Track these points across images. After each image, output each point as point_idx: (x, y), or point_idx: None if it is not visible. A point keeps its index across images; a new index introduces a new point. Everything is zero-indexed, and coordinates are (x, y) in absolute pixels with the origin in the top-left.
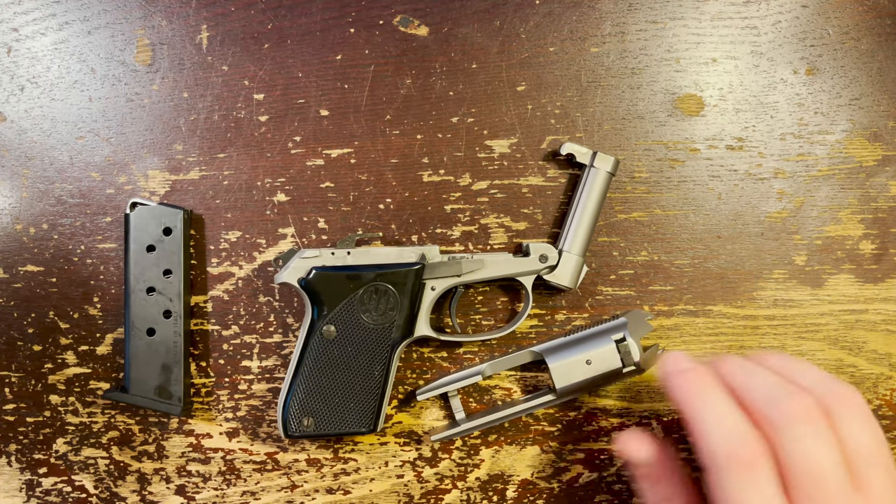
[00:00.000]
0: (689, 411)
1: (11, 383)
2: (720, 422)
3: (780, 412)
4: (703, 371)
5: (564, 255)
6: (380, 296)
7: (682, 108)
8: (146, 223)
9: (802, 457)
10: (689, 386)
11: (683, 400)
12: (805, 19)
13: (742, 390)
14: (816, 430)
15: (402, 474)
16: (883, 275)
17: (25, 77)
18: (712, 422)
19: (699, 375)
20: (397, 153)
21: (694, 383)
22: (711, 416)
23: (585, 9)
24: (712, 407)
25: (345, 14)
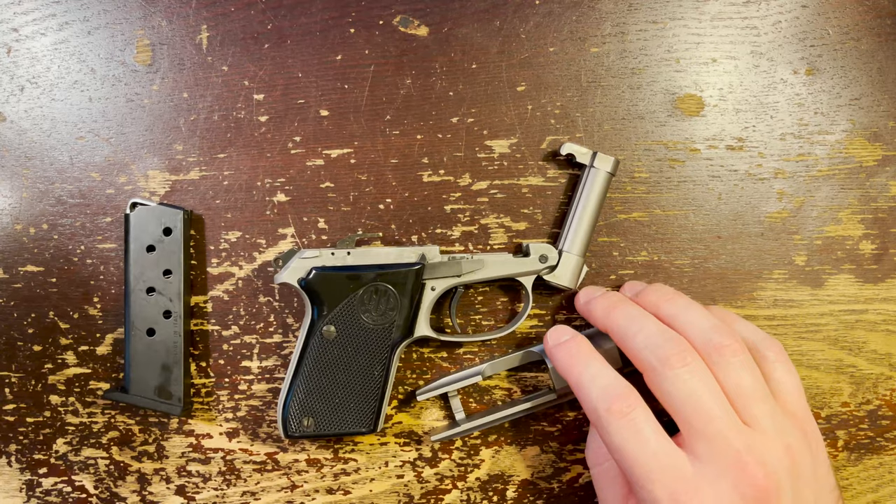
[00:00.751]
0: (570, 378)
1: (11, 383)
2: (594, 382)
3: (657, 357)
4: (578, 340)
5: (564, 255)
6: (380, 296)
7: (682, 108)
8: (146, 223)
9: (681, 393)
10: (566, 357)
11: (564, 370)
12: (805, 19)
13: (626, 338)
14: (691, 368)
15: (402, 474)
16: (883, 275)
17: (25, 77)
18: (588, 384)
19: (575, 344)
20: (397, 153)
21: (570, 353)
22: (587, 379)
23: (585, 9)
24: (587, 371)
25: (345, 14)
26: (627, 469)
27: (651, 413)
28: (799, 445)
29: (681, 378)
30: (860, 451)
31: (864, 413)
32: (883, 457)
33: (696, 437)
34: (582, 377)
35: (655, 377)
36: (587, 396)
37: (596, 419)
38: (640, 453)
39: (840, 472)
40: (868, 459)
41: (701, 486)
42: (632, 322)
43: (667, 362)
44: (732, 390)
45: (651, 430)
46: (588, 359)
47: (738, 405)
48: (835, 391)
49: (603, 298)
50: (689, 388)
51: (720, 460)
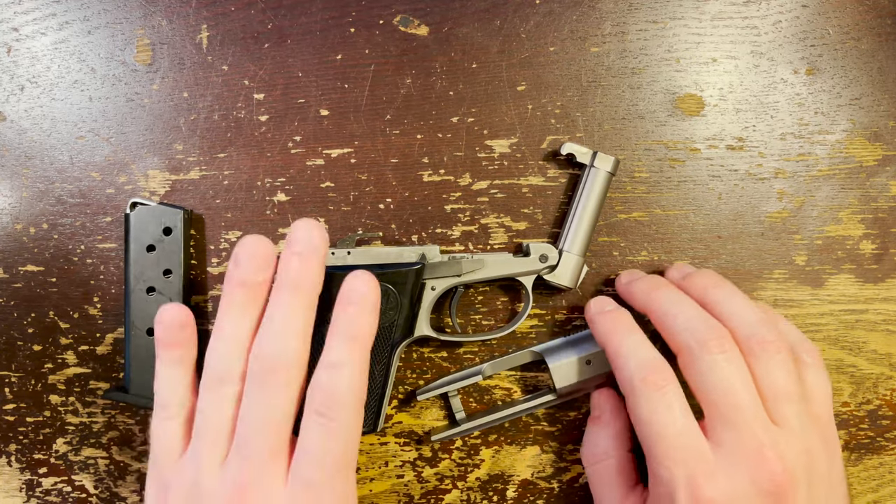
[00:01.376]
0: (609, 346)
1: (11, 383)
2: (634, 353)
3: (695, 339)
4: (621, 312)
5: (564, 254)
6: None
7: (682, 108)
8: (146, 223)
9: (714, 378)
10: (609, 325)
11: (604, 337)
12: (805, 19)
13: (666, 317)
14: (728, 356)
15: (402, 474)
16: (883, 275)
17: (25, 77)
18: (627, 353)
19: (618, 315)
20: (397, 153)
21: (613, 322)
22: (626, 349)
23: (586, 9)
24: (627, 341)
25: (345, 14)
26: (651, 443)
27: (683, 393)
28: (818, 449)
29: (717, 363)
30: (860, 451)
31: (864, 413)
32: (883, 457)
33: (722, 424)
34: (622, 346)
35: (691, 358)
36: (624, 365)
37: (630, 389)
38: (667, 429)
39: None
40: (868, 459)
41: (718, 472)
42: (673, 304)
43: (705, 346)
44: (767, 387)
45: (680, 409)
46: (630, 329)
47: (768, 402)
48: (835, 391)
49: (646, 280)
50: (724, 375)
51: (742, 450)
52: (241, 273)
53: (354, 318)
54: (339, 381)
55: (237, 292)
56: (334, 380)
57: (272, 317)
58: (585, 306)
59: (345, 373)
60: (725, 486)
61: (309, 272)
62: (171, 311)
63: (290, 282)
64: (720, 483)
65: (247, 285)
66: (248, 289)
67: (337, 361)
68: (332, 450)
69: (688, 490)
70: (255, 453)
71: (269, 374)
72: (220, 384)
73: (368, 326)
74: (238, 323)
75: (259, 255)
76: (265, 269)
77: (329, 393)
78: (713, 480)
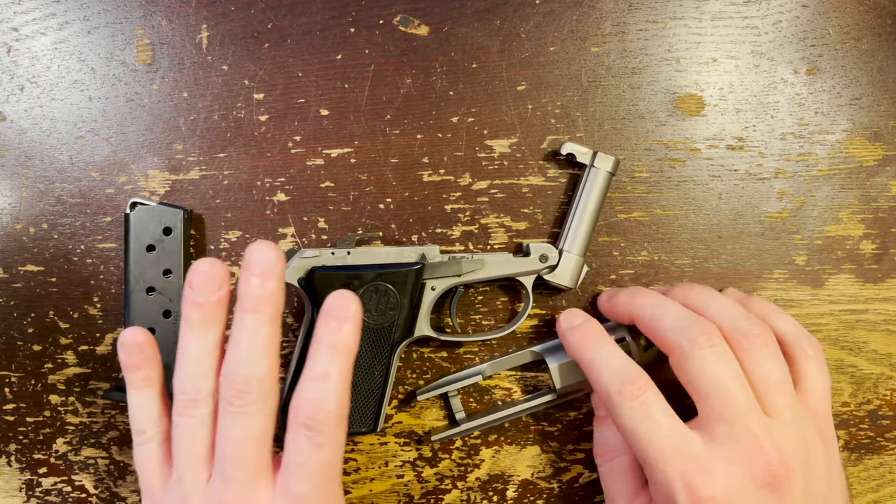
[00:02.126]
0: (581, 360)
1: (11, 383)
2: (606, 364)
3: (684, 336)
4: (591, 323)
5: (565, 254)
6: (380, 296)
7: (682, 108)
8: (146, 223)
9: (705, 373)
10: (579, 338)
11: (576, 351)
12: (805, 19)
13: (653, 319)
14: (717, 350)
15: (402, 474)
16: (883, 275)
17: (25, 77)
18: (600, 366)
19: (588, 327)
20: (397, 153)
21: (583, 335)
22: (599, 361)
23: (585, 8)
24: (599, 353)
25: (345, 14)
26: (640, 451)
27: (662, 396)
28: (814, 441)
29: (707, 359)
30: (860, 451)
31: (864, 413)
32: (883, 457)
33: (716, 418)
34: (594, 359)
35: (682, 357)
36: (599, 378)
37: (608, 401)
38: (653, 435)
39: None
40: (868, 459)
41: (714, 466)
42: (657, 306)
43: (694, 342)
44: (758, 379)
45: (662, 412)
46: (600, 341)
47: (760, 394)
48: (835, 391)
49: (625, 290)
50: (714, 370)
51: (737, 443)
52: (196, 295)
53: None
54: (325, 394)
55: (194, 313)
56: (319, 392)
57: (237, 340)
58: (556, 321)
59: (330, 385)
60: (723, 482)
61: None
62: (129, 335)
63: (252, 303)
64: (718, 480)
65: (203, 306)
66: (204, 309)
67: (321, 373)
68: (320, 462)
69: (686, 490)
70: (238, 474)
71: (242, 396)
72: (191, 406)
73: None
74: (200, 342)
75: (212, 276)
76: (219, 288)
77: (314, 405)
78: (710, 478)
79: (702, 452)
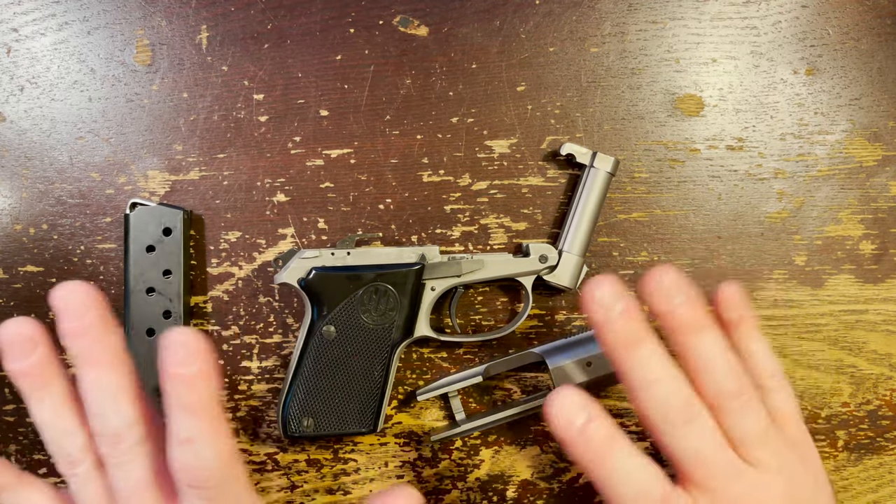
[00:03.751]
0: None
1: (11, 383)
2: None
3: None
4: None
5: (564, 255)
6: (380, 296)
7: (682, 109)
8: (146, 223)
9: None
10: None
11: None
12: (805, 19)
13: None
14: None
15: (402, 475)
16: (883, 275)
17: (25, 77)
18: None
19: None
20: (397, 153)
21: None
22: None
23: (585, 9)
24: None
25: (345, 14)
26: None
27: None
28: (801, 477)
29: (687, 436)
30: (860, 451)
31: (864, 413)
32: (883, 457)
33: (699, 489)
34: (611, 477)
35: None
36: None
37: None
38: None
39: (840, 472)
40: (868, 459)
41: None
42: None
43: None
44: (739, 436)
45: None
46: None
47: (742, 449)
48: (835, 391)
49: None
50: (694, 445)
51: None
52: (13, 365)
53: (185, 384)
54: (195, 458)
55: (24, 383)
56: (190, 457)
57: (88, 396)
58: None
59: (198, 447)
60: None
61: (93, 339)
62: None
63: (83, 359)
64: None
65: (26, 374)
66: (29, 377)
67: (185, 438)
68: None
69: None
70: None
71: (116, 447)
72: (71, 467)
73: (204, 389)
74: (46, 407)
75: (21, 339)
76: (32, 351)
77: (190, 469)
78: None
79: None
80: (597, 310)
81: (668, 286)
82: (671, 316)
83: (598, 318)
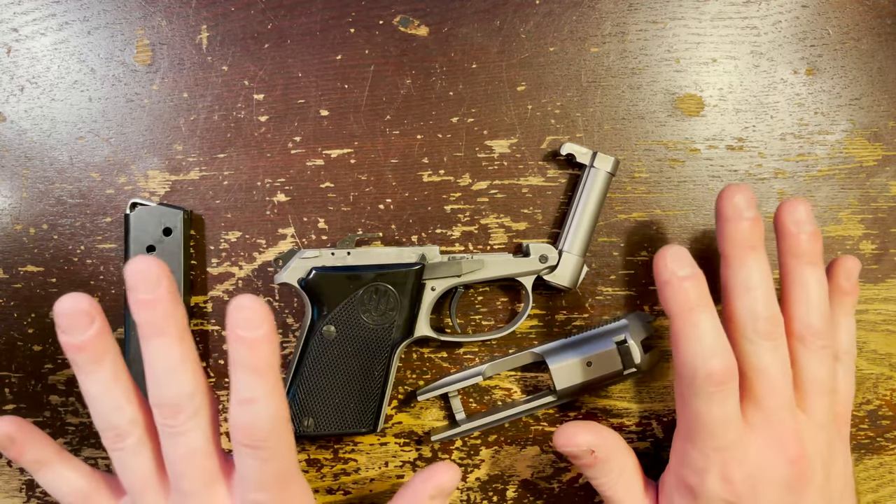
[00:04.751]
0: (674, 323)
1: (11, 383)
2: (701, 342)
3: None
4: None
5: (564, 255)
6: (380, 296)
7: (682, 109)
8: (146, 223)
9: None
10: (679, 296)
11: (671, 311)
12: (805, 19)
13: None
14: (775, 345)
15: (402, 475)
16: (883, 275)
17: (25, 77)
18: (695, 342)
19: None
20: (397, 153)
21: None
22: (694, 334)
23: (585, 9)
24: (697, 324)
25: (345, 14)
26: (695, 430)
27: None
28: (838, 446)
29: (763, 350)
30: (860, 451)
31: (864, 413)
32: (883, 457)
33: (755, 405)
34: (687, 328)
35: (741, 337)
36: (687, 350)
37: (689, 378)
38: (715, 422)
39: None
40: (868, 459)
41: (748, 450)
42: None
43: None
44: (806, 377)
45: (734, 407)
46: (700, 310)
47: (804, 391)
48: None
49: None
50: (766, 362)
51: (770, 432)
52: (70, 338)
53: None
54: (254, 418)
55: (78, 358)
56: (249, 416)
57: (151, 366)
58: (655, 262)
59: (258, 407)
60: (752, 467)
61: (163, 311)
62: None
63: (150, 329)
64: (748, 463)
65: (82, 348)
66: (85, 350)
67: (247, 398)
68: (271, 472)
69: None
70: (192, 487)
71: (175, 416)
72: (118, 440)
73: (270, 354)
74: (100, 380)
75: (77, 313)
76: (89, 324)
77: (249, 428)
78: (742, 465)
79: (744, 441)
80: (731, 210)
81: (802, 213)
82: (795, 240)
83: (729, 214)
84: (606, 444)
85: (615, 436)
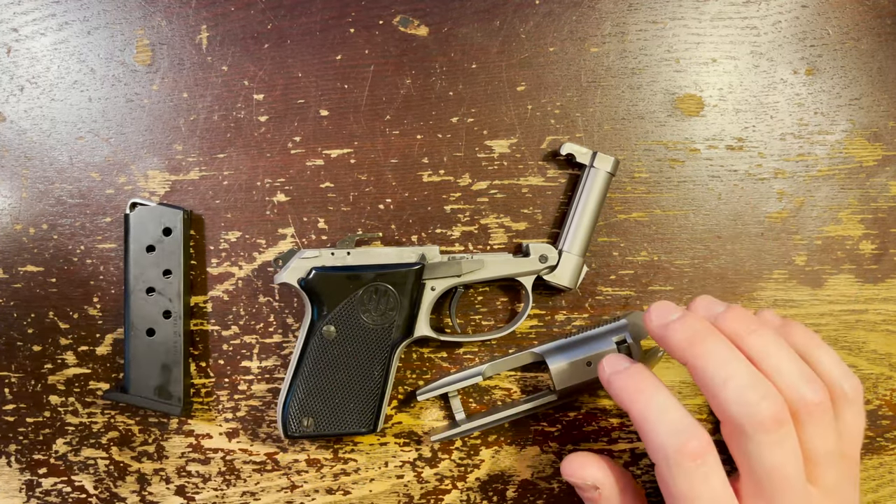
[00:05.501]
0: (632, 410)
1: (11, 383)
2: (663, 416)
3: (749, 417)
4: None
5: (564, 255)
6: (380, 296)
7: (682, 109)
8: (146, 223)
9: (766, 462)
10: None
11: (625, 400)
12: (805, 19)
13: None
14: (783, 435)
15: (402, 475)
16: (883, 275)
17: (25, 77)
18: (656, 418)
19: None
20: (397, 153)
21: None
22: (654, 412)
23: (585, 9)
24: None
25: (345, 14)
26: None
27: (719, 459)
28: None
29: (770, 446)
30: (860, 450)
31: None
32: (883, 457)
33: (763, 498)
34: (648, 410)
35: (742, 437)
36: (653, 431)
37: (663, 459)
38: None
39: None
40: (868, 459)
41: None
42: (721, 366)
43: (760, 426)
44: (810, 450)
45: (720, 482)
46: (654, 390)
47: (811, 465)
48: None
49: (683, 325)
50: (777, 460)
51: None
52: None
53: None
54: None
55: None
56: None
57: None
58: (599, 365)
59: None
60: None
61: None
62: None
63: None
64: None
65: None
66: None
67: None
68: None
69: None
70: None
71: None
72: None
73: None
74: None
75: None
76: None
77: None
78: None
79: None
80: (657, 325)
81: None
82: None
83: (657, 330)
84: (612, 484)
85: (625, 476)
